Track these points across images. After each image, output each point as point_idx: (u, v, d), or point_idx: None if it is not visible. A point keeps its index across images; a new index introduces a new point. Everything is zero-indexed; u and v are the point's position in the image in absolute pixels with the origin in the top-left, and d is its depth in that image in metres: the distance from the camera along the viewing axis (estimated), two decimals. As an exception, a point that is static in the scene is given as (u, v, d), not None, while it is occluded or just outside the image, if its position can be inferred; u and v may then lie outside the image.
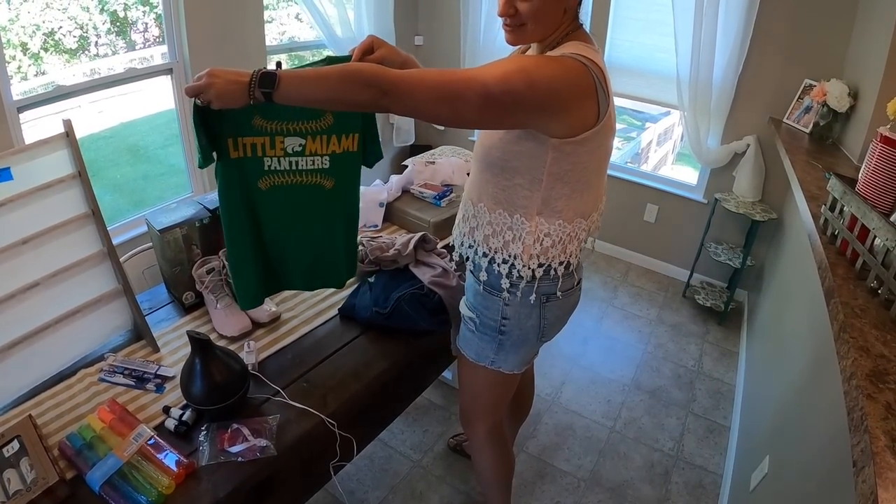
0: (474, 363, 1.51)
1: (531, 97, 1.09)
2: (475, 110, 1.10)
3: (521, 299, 1.35)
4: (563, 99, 1.11)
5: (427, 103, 1.10)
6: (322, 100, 1.14)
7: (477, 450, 1.76)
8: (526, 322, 1.39)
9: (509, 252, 1.32)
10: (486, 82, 1.06)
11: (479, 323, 1.44)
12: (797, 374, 1.87)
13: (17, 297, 1.33)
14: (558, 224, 1.28)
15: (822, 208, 1.54)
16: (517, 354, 1.47)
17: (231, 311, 1.59)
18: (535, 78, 1.08)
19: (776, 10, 2.95)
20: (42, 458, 1.15)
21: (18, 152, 1.33)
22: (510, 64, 1.10)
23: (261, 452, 1.24)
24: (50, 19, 3.40)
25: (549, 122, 1.14)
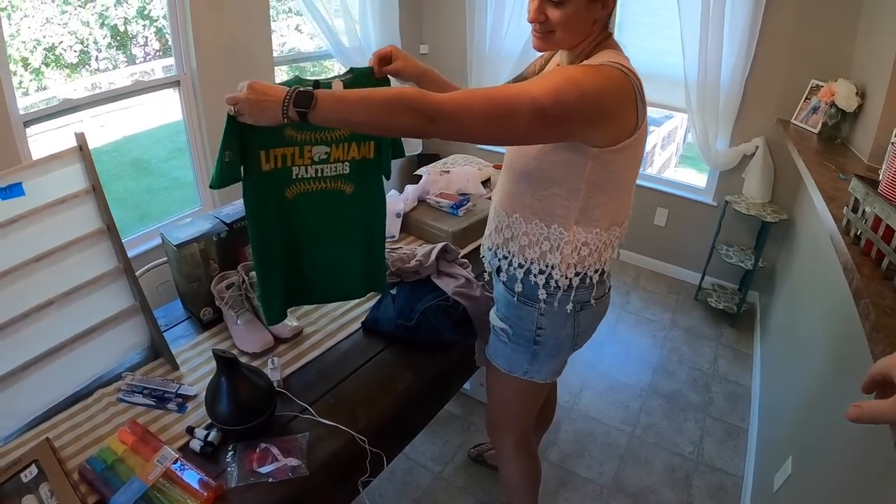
0: (506, 374, 1.48)
1: (581, 108, 1.07)
2: (527, 126, 1.07)
3: (558, 308, 1.34)
4: (610, 108, 1.10)
5: (477, 125, 1.08)
6: (361, 123, 1.11)
7: (505, 460, 1.72)
8: (561, 331, 1.38)
9: (546, 262, 1.30)
10: (537, 97, 1.05)
11: (513, 333, 1.42)
12: (817, 373, 1.86)
13: (31, 317, 1.28)
14: (595, 233, 1.27)
15: (845, 210, 1.54)
16: (550, 364, 1.45)
17: (252, 327, 1.54)
18: (585, 89, 1.06)
19: (782, 12, 2.95)
20: (62, 484, 1.11)
21: (30, 167, 1.28)
22: (558, 76, 1.08)
23: (292, 472, 1.19)
24: (50, 34, 3.37)
25: (595, 131, 1.13)
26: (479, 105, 1.06)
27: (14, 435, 1.27)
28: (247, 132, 1.24)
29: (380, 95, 1.08)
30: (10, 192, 1.24)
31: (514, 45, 3.77)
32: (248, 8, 3.01)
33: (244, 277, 1.58)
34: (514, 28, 3.75)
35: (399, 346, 1.59)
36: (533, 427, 1.75)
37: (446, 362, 1.60)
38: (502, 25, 3.79)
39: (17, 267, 1.25)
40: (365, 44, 3.62)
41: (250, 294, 1.58)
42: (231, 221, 1.64)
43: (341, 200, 1.50)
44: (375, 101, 1.07)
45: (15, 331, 1.26)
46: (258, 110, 1.10)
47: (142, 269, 1.82)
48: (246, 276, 1.58)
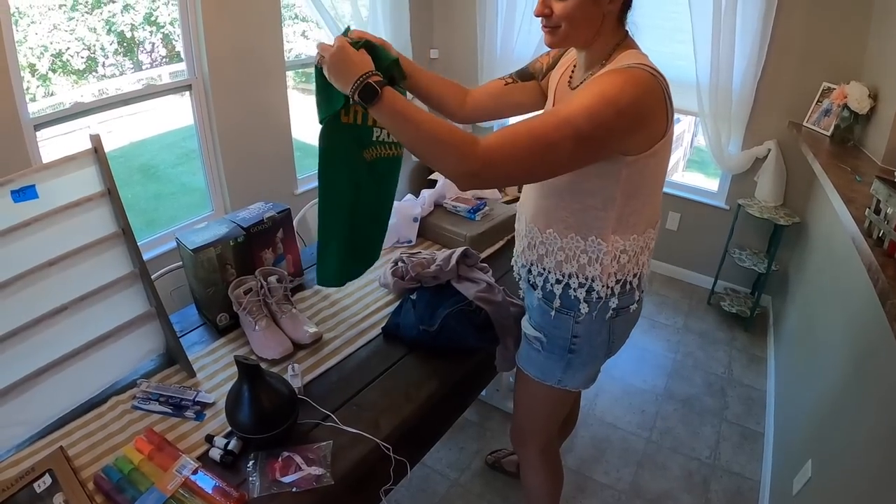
0: (538, 382, 1.45)
1: (620, 124, 1.05)
2: (570, 156, 1.06)
3: (596, 316, 1.31)
4: (645, 116, 1.08)
5: (522, 171, 1.09)
6: (408, 142, 1.11)
7: (529, 468, 1.69)
8: (596, 339, 1.35)
9: (586, 275, 1.27)
10: (575, 123, 1.02)
11: (547, 342, 1.38)
12: (837, 376, 1.84)
13: (44, 322, 1.24)
14: (633, 238, 1.25)
15: (867, 211, 1.53)
16: (584, 372, 1.42)
17: (270, 333, 1.51)
18: (620, 104, 1.03)
19: (792, 15, 2.94)
20: (78, 494, 1.08)
21: (44, 169, 1.25)
22: (590, 95, 1.05)
23: (317, 482, 1.16)
24: (58, 40, 3.36)
25: (632, 141, 1.10)
26: (521, 149, 1.04)
27: (26, 443, 1.24)
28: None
29: (431, 127, 1.05)
30: (24, 195, 1.22)
31: (526, 50, 3.75)
32: (258, 12, 3.00)
33: (262, 282, 1.55)
34: (525, 33, 3.74)
35: (421, 352, 1.55)
36: (557, 434, 1.72)
37: (468, 368, 1.57)
38: (513, 30, 3.77)
39: (30, 271, 1.22)
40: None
41: (269, 299, 1.55)
42: (248, 226, 1.61)
43: (396, 165, 1.49)
44: (427, 130, 1.05)
45: (27, 336, 1.22)
46: (335, 74, 1.13)
47: (155, 273, 1.79)
48: (264, 281, 1.55)
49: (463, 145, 1.03)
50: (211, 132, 2.94)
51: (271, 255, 1.71)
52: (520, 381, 1.54)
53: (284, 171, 3.43)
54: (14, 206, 1.20)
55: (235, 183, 3.11)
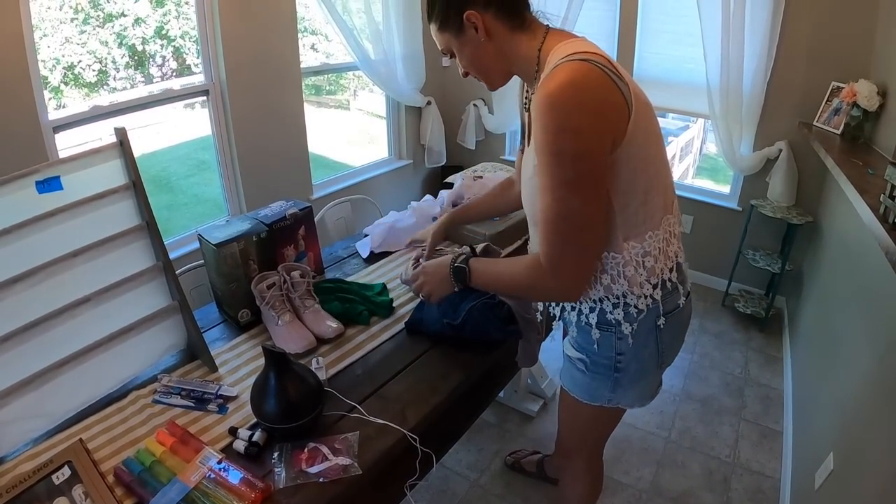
0: (587, 404, 1.36)
1: (587, 140, 0.98)
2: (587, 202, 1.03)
3: (639, 329, 1.21)
4: (602, 111, 0.98)
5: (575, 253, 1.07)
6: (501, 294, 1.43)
7: (572, 478, 1.65)
8: (643, 352, 1.24)
9: (615, 293, 1.18)
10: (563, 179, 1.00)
11: (591, 363, 1.29)
12: (857, 369, 1.83)
13: (67, 313, 1.24)
14: (649, 236, 1.14)
15: (881, 197, 1.55)
16: (636, 389, 1.31)
17: (294, 328, 1.50)
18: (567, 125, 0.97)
19: (800, 16, 2.95)
20: (98, 485, 1.06)
21: (69, 161, 1.26)
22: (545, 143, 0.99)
23: (344, 472, 1.14)
24: (70, 53, 3.39)
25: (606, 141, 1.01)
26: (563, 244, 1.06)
27: (44, 437, 1.23)
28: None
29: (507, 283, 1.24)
30: (48, 186, 1.22)
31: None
32: (275, 18, 3.03)
33: (285, 277, 1.54)
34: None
35: (445, 346, 1.54)
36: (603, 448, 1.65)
37: (492, 361, 1.55)
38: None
39: (53, 262, 1.22)
40: (390, 55, 3.64)
41: (291, 294, 1.54)
42: (271, 222, 1.61)
43: None
44: (508, 287, 1.26)
45: (49, 327, 1.22)
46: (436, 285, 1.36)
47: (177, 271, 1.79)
48: (287, 276, 1.55)
49: (535, 279, 1.12)
50: (228, 137, 2.96)
51: (293, 251, 1.71)
52: (564, 401, 1.46)
53: (300, 175, 3.44)
54: (39, 197, 1.20)
55: (251, 188, 3.12)
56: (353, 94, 5.91)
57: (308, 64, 3.72)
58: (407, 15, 3.60)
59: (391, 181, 4.12)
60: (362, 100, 5.80)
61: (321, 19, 3.53)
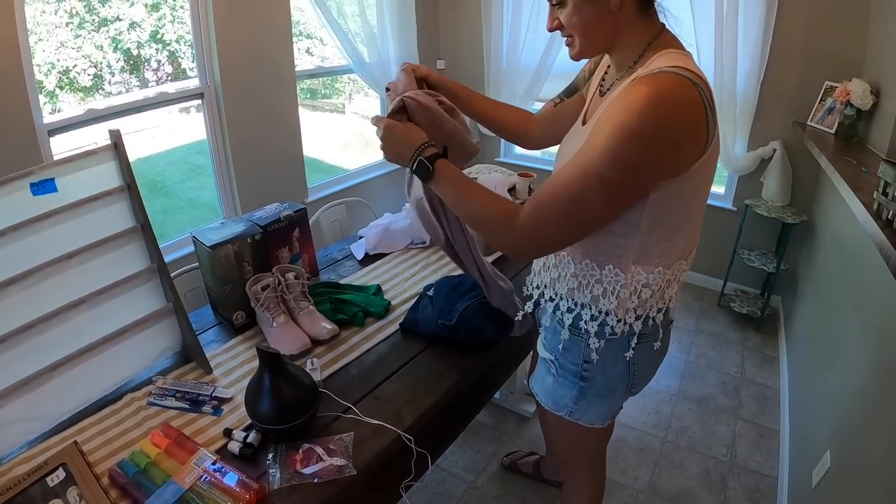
0: (552, 413, 1.32)
1: (650, 158, 0.92)
2: (603, 207, 0.98)
3: (608, 351, 1.18)
4: (678, 139, 0.92)
5: (559, 236, 1.04)
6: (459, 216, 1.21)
7: (572, 491, 1.63)
8: (612, 369, 1.19)
9: (599, 308, 1.14)
10: (597, 171, 0.92)
11: (559, 366, 1.25)
12: (854, 366, 1.83)
13: (61, 315, 1.24)
14: (658, 272, 1.08)
15: (875, 194, 1.56)
16: (599, 406, 1.26)
17: (288, 329, 1.50)
18: (644, 134, 0.89)
19: (793, 16, 2.97)
20: (92, 487, 1.06)
21: (63, 163, 1.26)
22: (611, 137, 0.91)
23: (339, 472, 1.14)
24: (65, 58, 3.40)
25: (667, 168, 0.95)
26: (553, 217, 0.99)
27: (39, 439, 1.23)
28: None
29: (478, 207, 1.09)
30: (43, 188, 1.22)
31: (532, 59, 3.79)
32: (269, 22, 3.04)
33: (280, 279, 1.55)
34: (531, 42, 3.77)
35: (440, 347, 1.54)
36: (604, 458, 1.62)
37: (488, 362, 1.55)
38: (519, 39, 3.81)
39: (47, 264, 1.23)
40: (385, 58, 3.65)
41: (286, 296, 1.55)
42: (265, 224, 1.62)
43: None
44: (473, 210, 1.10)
45: (44, 330, 1.22)
46: (389, 155, 1.19)
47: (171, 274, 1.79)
48: (281, 278, 1.55)
49: (502, 222, 1.04)
50: (223, 140, 2.96)
51: (287, 253, 1.71)
52: (541, 409, 1.41)
53: (295, 179, 3.44)
54: (33, 199, 1.21)
55: (246, 192, 3.12)
56: (349, 98, 5.93)
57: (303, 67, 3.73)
58: (401, 18, 3.61)
59: (386, 184, 4.12)
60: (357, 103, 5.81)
61: (316, 23, 3.54)
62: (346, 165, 4.08)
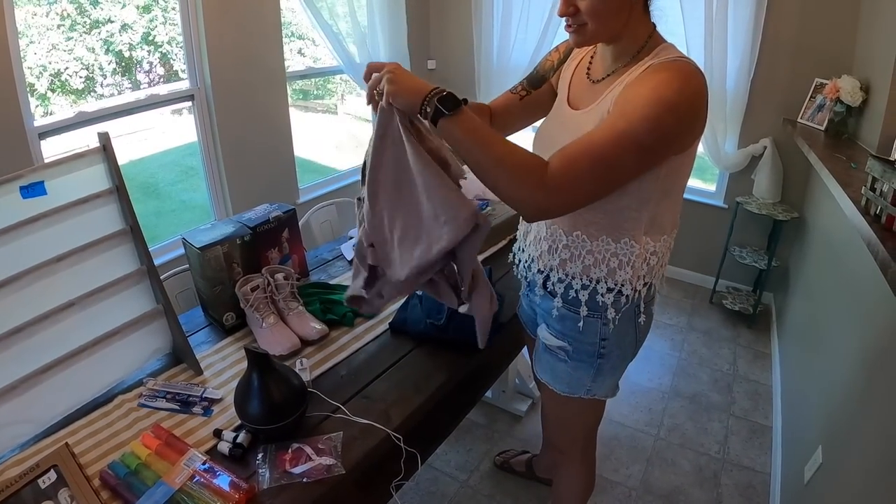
0: (567, 396, 1.37)
1: (679, 128, 1.01)
2: (632, 171, 1.03)
3: (622, 318, 1.25)
4: (697, 116, 1.03)
5: (586, 195, 1.04)
6: (476, 162, 1.03)
7: (566, 477, 1.66)
8: (624, 339, 1.29)
9: (615, 280, 1.21)
10: (636, 137, 0.98)
11: (574, 350, 1.30)
12: (845, 362, 1.84)
13: (51, 318, 1.25)
14: (663, 240, 1.21)
15: (863, 189, 1.57)
16: (613, 377, 1.36)
17: (278, 329, 1.51)
18: (680, 107, 0.98)
19: (783, 13, 2.99)
20: (84, 489, 1.07)
21: (53, 166, 1.26)
22: (647, 102, 0.98)
23: (327, 471, 1.15)
24: (56, 60, 3.39)
25: (682, 141, 1.06)
26: (586, 176, 1.00)
27: (30, 442, 1.23)
28: None
29: (506, 154, 1.01)
30: (33, 191, 1.22)
31: (522, 58, 3.79)
32: (260, 23, 3.04)
33: (269, 280, 1.55)
34: (521, 41, 3.78)
35: (428, 347, 1.55)
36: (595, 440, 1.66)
37: (477, 362, 1.56)
38: (510, 38, 3.82)
39: (37, 267, 1.23)
40: (376, 59, 3.64)
41: (276, 296, 1.55)
42: (255, 225, 1.62)
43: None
44: (499, 158, 1.01)
45: (34, 332, 1.22)
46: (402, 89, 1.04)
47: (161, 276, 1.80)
48: (271, 279, 1.56)
49: (531, 173, 0.99)
50: (213, 142, 2.96)
51: (277, 254, 1.72)
52: (546, 397, 1.47)
53: (286, 180, 3.44)
54: (23, 202, 1.21)
55: (238, 193, 3.12)
56: (341, 99, 5.93)
57: (295, 68, 3.74)
58: (392, 18, 3.61)
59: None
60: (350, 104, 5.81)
61: (307, 24, 3.54)
62: (339, 166, 4.08)
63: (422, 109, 1.02)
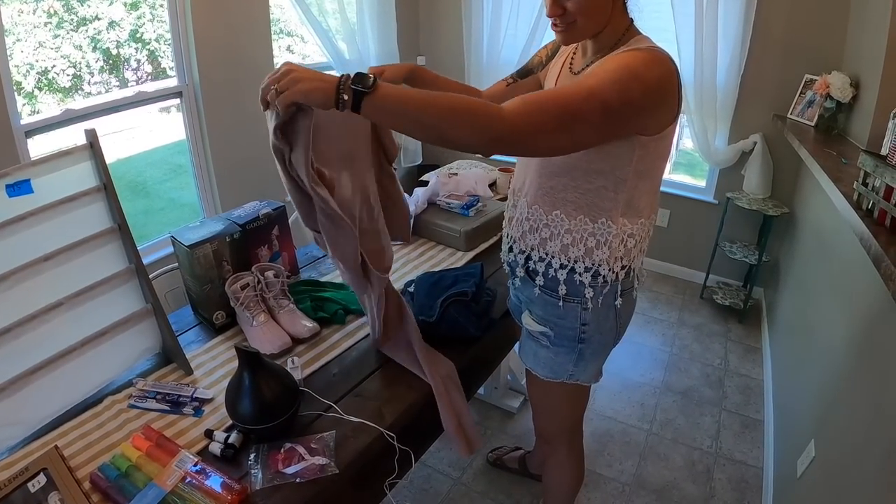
0: (550, 381, 1.42)
1: (645, 101, 1.05)
2: (595, 130, 1.05)
3: (603, 302, 1.29)
4: (665, 95, 1.07)
5: (546, 141, 1.04)
6: (418, 124, 0.99)
7: (555, 467, 1.68)
8: (605, 324, 1.32)
9: (593, 259, 1.25)
10: (603, 96, 1.01)
11: (555, 336, 1.35)
12: (836, 355, 1.86)
13: (38, 319, 1.22)
14: (640, 223, 1.24)
15: (855, 184, 1.58)
16: (596, 363, 1.40)
17: (268, 328, 1.49)
18: (647, 79, 1.03)
19: (773, 9, 3.00)
20: (74, 492, 1.05)
21: (39, 164, 1.24)
22: (616, 69, 1.03)
23: (321, 471, 1.14)
24: (43, 58, 3.35)
25: (651, 120, 1.10)
26: (550, 118, 1.01)
27: (19, 445, 1.21)
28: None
29: (446, 100, 0.97)
30: (19, 190, 1.20)
31: (512, 54, 3.80)
32: (248, 19, 3.01)
33: (259, 277, 1.54)
34: (511, 37, 3.78)
35: (421, 344, 1.54)
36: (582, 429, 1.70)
37: (469, 356, 1.55)
38: (499, 35, 3.82)
39: (24, 266, 1.20)
40: (364, 54, 3.64)
41: (266, 294, 1.54)
42: (244, 223, 1.61)
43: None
44: (440, 105, 0.96)
45: (21, 333, 1.20)
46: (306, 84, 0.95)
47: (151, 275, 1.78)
48: (261, 276, 1.54)
49: (487, 110, 0.97)
50: (202, 140, 2.93)
51: (267, 252, 1.70)
52: (531, 384, 1.51)
53: (276, 177, 3.39)
54: (8, 200, 1.19)
55: (227, 191, 3.09)
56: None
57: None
58: (381, 15, 3.60)
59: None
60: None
61: (296, 21, 3.52)
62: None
63: (339, 98, 0.94)
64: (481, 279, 1.63)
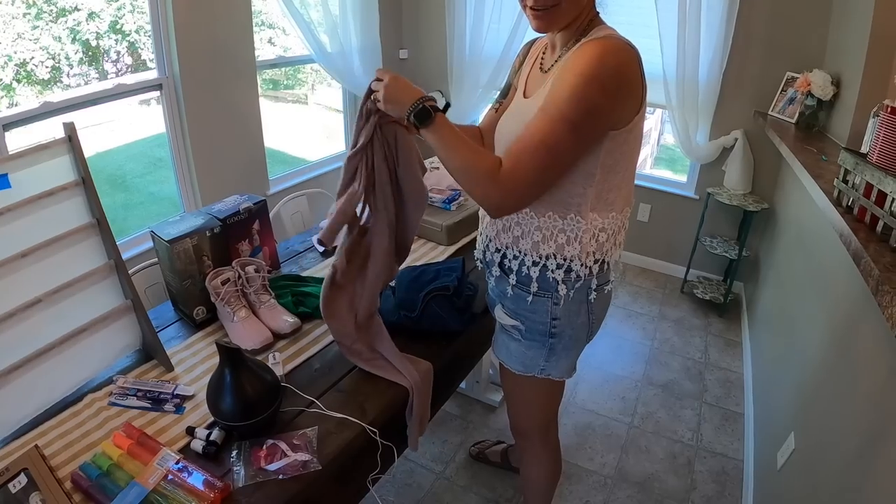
0: (521, 375, 1.42)
1: (606, 100, 1.06)
2: (573, 150, 1.09)
3: (574, 296, 1.28)
4: (626, 86, 1.08)
5: (538, 185, 1.12)
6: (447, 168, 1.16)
7: (532, 462, 1.68)
8: (576, 320, 1.32)
9: (564, 255, 1.25)
10: (566, 116, 1.04)
11: (526, 329, 1.35)
12: (815, 349, 1.88)
13: (16, 316, 1.20)
14: (612, 217, 1.24)
15: (835, 181, 1.60)
16: (568, 358, 1.39)
17: (249, 324, 1.49)
18: (602, 78, 1.04)
19: (755, 6, 3.03)
20: (55, 492, 1.04)
21: (16, 158, 1.22)
22: (570, 80, 1.05)
23: (303, 467, 1.14)
24: (22, 50, 3.28)
25: (618, 113, 1.11)
26: (532, 167, 1.08)
27: (-1, 445, 1.20)
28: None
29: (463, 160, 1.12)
30: (-5, 185, 1.18)
31: (494, 48, 3.79)
32: (229, 10, 2.97)
33: (240, 272, 1.53)
34: (494, 31, 3.78)
35: (403, 337, 1.53)
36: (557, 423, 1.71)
37: (451, 351, 1.56)
38: (482, 29, 3.81)
39: (1, 263, 1.18)
40: (347, 48, 3.61)
41: (247, 289, 1.53)
42: (224, 217, 1.59)
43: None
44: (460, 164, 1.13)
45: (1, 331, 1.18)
46: (393, 98, 1.16)
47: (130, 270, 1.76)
48: (242, 272, 1.53)
49: (486, 177, 1.09)
50: (182, 133, 2.90)
51: (248, 246, 1.69)
52: (505, 377, 1.51)
53: (256, 171, 3.39)
54: (-16, 196, 1.17)
55: (207, 185, 3.06)
56: (311, 89, 5.85)
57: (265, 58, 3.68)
58: (364, 8, 3.58)
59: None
60: (320, 94, 5.74)
61: (278, 13, 3.48)
62: (310, 157, 4.03)
63: (407, 119, 1.14)
64: (463, 274, 1.63)
